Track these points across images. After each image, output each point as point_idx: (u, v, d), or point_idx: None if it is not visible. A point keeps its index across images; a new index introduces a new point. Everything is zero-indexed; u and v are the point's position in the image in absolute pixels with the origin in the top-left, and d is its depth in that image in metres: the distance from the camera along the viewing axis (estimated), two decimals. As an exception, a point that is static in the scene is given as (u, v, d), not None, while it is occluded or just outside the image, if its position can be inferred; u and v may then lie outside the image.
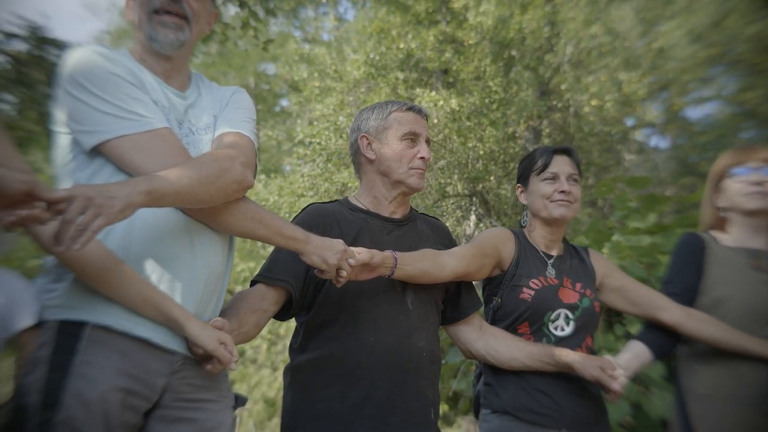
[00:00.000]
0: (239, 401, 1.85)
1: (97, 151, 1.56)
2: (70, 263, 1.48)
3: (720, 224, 2.44)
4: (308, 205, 2.17)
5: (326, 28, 20.80)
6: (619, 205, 4.37)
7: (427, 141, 2.17)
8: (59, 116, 1.61)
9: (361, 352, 1.93)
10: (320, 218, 2.05)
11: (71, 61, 1.59)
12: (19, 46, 6.23)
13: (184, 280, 1.61)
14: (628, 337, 3.04)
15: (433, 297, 2.13)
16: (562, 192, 2.25)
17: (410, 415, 1.94)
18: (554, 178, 2.28)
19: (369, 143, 2.16)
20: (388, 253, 1.90)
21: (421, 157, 2.11)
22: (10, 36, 6.11)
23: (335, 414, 1.90)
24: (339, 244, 1.78)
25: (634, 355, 2.26)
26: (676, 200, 5.17)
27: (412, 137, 2.13)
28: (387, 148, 2.12)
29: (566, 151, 2.33)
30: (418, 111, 2.19)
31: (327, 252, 1.75)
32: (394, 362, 1.95)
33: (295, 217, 2.10)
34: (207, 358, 1.59)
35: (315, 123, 14.07)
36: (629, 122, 15.57)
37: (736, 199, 2.33)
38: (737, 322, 2.20)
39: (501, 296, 2.25)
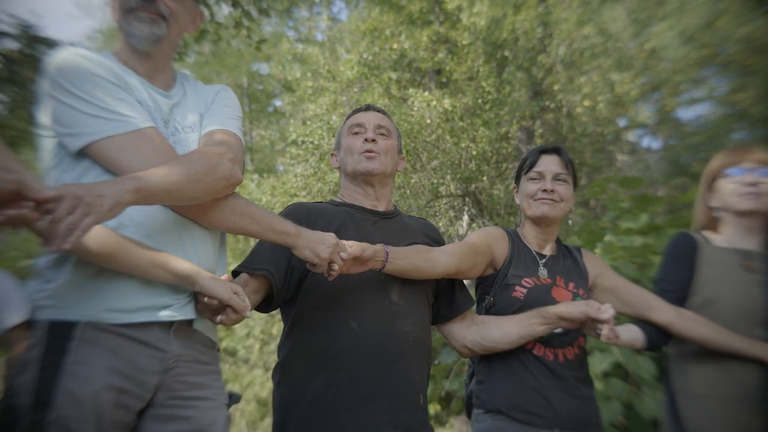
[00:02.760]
0: (233, 399, 1.84)
1: (83, 153, 1.55)
2: (77, 250, 1.47)
3: (712, 224, 2.44)
4: (290, 204, 2.19)
5: (319, 28, 20.78)
6: (612, 205, 4.37)
7: (380, 127, 2.21)
8: (43, 119, 1.59)
9: (345, 339, 1.93)
10: (303, 211, 2.07)
11: (54, 63, 1.58)
12: (11, 45, 6.19)
13: None
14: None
15: (422, 287, 2.11)
16: (545, 191, 2.26)
17: (396, 399, 1.92)
18: (539, 177, 2.30)
19: (335, 157, 2.28)
20: (379, 246, 1.90)
21: (365, 140, 2.16)
22: (2, 35, 6.06)
23: (321, 401, 1.89)
24: (331, 237, 1.78)
25: (627, 329, 2.24)
26: (669, 201, 5.18)
27: (357, 129, 2.20)
28: (341, 151, 2.23)
29: (555, 151, 2.34)
30: (366, 108, 2.26)
31: (319, 246, 1.75)
32: (379, 347, 1.93)
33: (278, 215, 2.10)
34: (219, 310, 1.61)
35: (308, 123, 14.01)
36: (622, 123, 15.63)
37: (730, 200, 2.34)
38: (728, 322, 2.21)
39: (493, 295, 2.25)
